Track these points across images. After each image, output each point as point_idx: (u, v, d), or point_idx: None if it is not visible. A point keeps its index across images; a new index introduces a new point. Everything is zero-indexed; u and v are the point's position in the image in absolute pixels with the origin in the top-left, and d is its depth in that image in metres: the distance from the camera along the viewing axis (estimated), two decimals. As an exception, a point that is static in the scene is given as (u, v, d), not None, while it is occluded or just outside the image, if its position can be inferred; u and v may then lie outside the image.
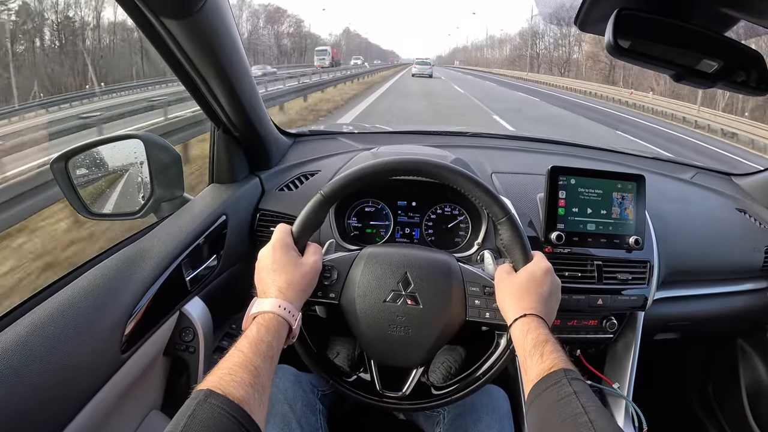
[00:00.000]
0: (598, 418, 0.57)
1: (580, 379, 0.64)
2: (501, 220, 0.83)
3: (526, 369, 0.69)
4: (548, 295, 0.77)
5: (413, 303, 0.82)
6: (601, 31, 0.71)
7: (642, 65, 0.73)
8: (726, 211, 1.45)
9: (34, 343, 0.69)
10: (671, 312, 1.32)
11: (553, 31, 55.78)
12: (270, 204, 1.24)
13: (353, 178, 0.84)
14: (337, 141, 1.60)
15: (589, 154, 1.70)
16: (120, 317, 0.82)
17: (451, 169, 0.84)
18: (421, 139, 1.71)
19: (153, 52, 0.84)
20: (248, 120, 1.12)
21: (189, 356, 1.03)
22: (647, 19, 0.68)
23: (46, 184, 3.27)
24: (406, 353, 0.85)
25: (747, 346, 1.58)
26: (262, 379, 0.61)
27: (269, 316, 0.70)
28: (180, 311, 1.00)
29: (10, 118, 10.10)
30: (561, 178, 1.11)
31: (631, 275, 1.16)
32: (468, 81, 34.52)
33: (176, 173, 1.13)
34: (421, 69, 36.81)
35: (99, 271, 0.85)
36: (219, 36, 0.84)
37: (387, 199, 1.25)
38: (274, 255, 0.77)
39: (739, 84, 0.71)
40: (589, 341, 1.26)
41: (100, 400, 0.77)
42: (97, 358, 0.77)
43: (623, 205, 1.12)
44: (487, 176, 1.31)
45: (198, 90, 0.98)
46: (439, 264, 0.86)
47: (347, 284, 0.85)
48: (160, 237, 0.98)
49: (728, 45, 0.69)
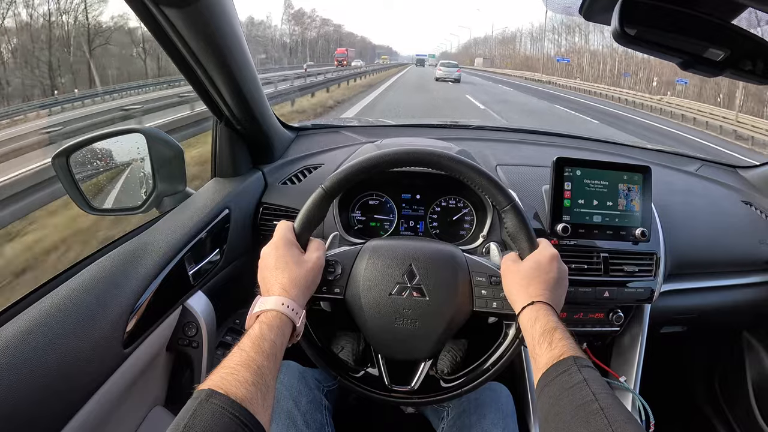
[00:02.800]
0: (609, 406, 0.56)
1: (590, 366, 0.64)
2: (505, 208, 0.82)
3: (536, 357, 0.68)
4: (555, 282, 0.76)
5: (419, 295, 0.81)
6: (607, 20, 0.71)
7: (649, 53, 0.73)
8: (732, 204, 1.45)
9: (35, 338, 0.68)
10: (677, 305, 1.31)
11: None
12: (273, 198, 1.24)
13: (354, 171, 0.82)
14: (340, 134, 1.59)
15: (594, 147, 1.69)
16: (122, 312, 0.81)
17: (453, 159, 0.83)
18: (425, 132, 1.70)
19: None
20: (250, 113, 1.11)
21: (192, 351, 1.02)
22: (654, 7, 0.67)
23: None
24: (414, 346, 0.84)
25: (753, 339, 1.57)
26: (266, 378, 0.60)
27: (272, 314, 0.69)
28: (183, 306, 0.99)
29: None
30: (567, 169, 1.10)
31: (637, 267, 1.15)
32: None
33: (178, 167, 1.12)
34: (447, 72, 28.41)
35: (100, 266, 0.84)
36: (220, 26, 0.83)
37: (391, 192, 1.24)
38: (276, 252, 0.77)
39: (746, 72, 0.70)
40: (596, 334, 1.25)
41: (103, 395, 0.76)
42: (100, 353, 0.76)
43: (629, 196, 1.11)
44: (492, 168, 1.30)
45: (199, 82, 0.97)
46: (444, 255, 0.85)
47: (352, 278, 0.84)
48: (162, 231, 0.98)
49: (735, 33, 0.69)
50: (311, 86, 14.66)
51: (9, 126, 8.72)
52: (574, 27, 60.58)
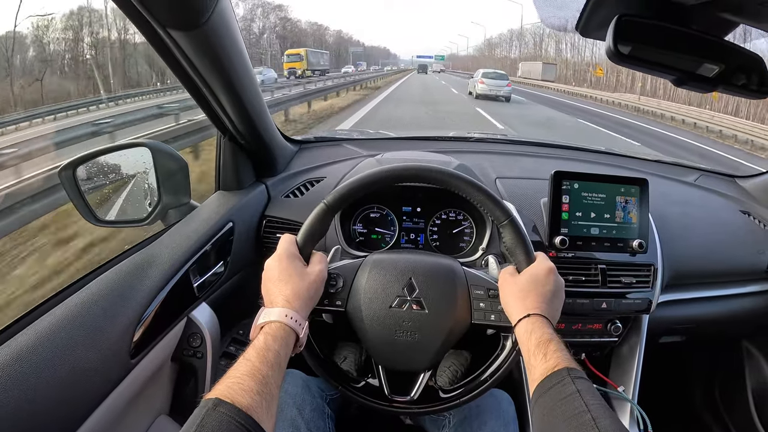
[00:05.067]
0: (600, 416, 0.57)
1: (584, 377, 0.65)
2: (503, 222, 0.84)
3: (531, 368, 0.70)
4: (552, 295, 0.78)
5: (419, 308, 0.83)
6: (602, 37, 0.72)
7: (642, 70, 0.74)
8: (730, 214, 1.45)
9: (44, 348, 0.70)
10: (676, 315, 1.32)
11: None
12: (276, 211, 1.25)
13: (356, 187, 0.85)
14: (341, 147, 1.61)
15: (592, 158, 1.70)
16: (129, 323, 0.83)
17: (452, 175, 0.85)
18: (425, 145, 1.72)
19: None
20: (254, 128, 1.13)
21: (197, 361, 1.04)
22: (647, 25, 0.68)
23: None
24: (413, 358, 0.85)
25: (753, 348, 1.57)
26: (270, 388, 0.62)
27: (276, 326, 0.71)
28: (188, 317, 1.01)
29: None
30: (564, 182, 1.11)
31: (635, 278, 1.16)
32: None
33: (183, 180, 1.14)
34: (493, 86, 19.63)
35: (108, 278, 0.86)
36: (225, 47, 0.86)
37: (392, 204, 1.26)
38: (280, 265, 0.79)
39: (739, 87, 0.71)
40: (594, 345, 1.26)
41: (109, 405, 0.78)
42: (107, 363, 0.78)
43: (627, 208, 1.12)
44: (492, 182, 1.32)
45: (204, 99, 0.99)
46: (443, 268, 0.87)
47: (353, 291, 0.86)
48: (167, 244, 1.00)
49: (728, 49, 0.70)
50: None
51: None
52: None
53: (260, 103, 1.11)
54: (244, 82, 0.98)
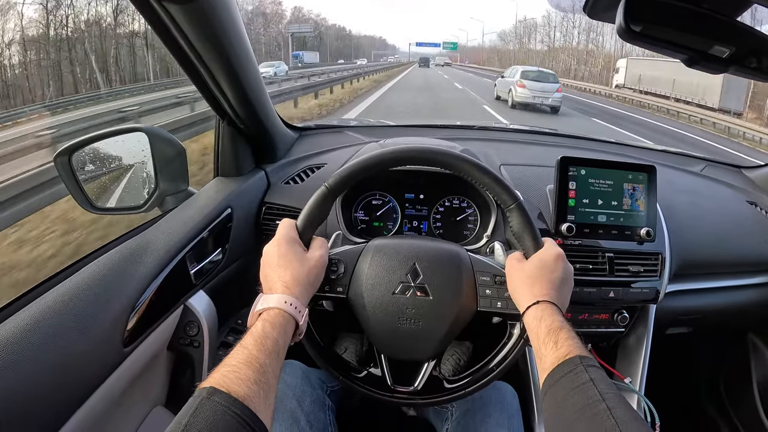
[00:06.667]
0: (616, 406, 0.55)
1: (597, 366, 0.62)
2: (510, 206, 0.81)
3: (541, 357, 0.67)
4: (561, 282, 0.75)
5: (423, 294, 0.81)
6: (610, 18, 0.70)
7: (653, 49, 0.72)
8: (737, 204, 1.44)
9: (34, 335, 0.68)
10: (683, 305, 1.30)
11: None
12: (276, 197, 1.23)
13: (357, 169, 0.82)
14: (343, 134, 1.59)
15: (598, 147, 1.68)
16: (122, 310, 0.80)
17: (457, 157, 0.82)
18: (428, 132, 1.70)
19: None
20: (253, 112, 1.11)
21: (193, 351, 1.02)
22: (659, 3, 0.67)
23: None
24: (417, 346, 0.83)
25: (758, 340, 1.56)
26: (268, 377, 0.59)
27: (275, 312, 0.68)
28: (184, 305, 0.99)
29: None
30: (571, 168, 1.09)
31: (642, 267, 1.14)
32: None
33: (181, 166, 1.11)
34: (539, 92, 13.93)
35: (101, 264, 0.84)
36: (222, 23, 0.83)
37: (394, 191, 1.23)
38: (279, 250, 0.76)
39: (751, 69, 0.70)
40: (601, 335, 1.24)
41: (103, 394, 0.76)
42: (99, 351, 0.76)
43: (634, 196, 1.10)
44: (496, 168, 1.30)
45: (202, 80, 0.96)
46: (448, 254, 0.84)
47: (355, 277, 0.83)
48: (164, 230, 0.97)
49: (741, 30, 0.68)
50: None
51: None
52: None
53: (260, 87, 1.08)
54: (242, 62, 0.95)
